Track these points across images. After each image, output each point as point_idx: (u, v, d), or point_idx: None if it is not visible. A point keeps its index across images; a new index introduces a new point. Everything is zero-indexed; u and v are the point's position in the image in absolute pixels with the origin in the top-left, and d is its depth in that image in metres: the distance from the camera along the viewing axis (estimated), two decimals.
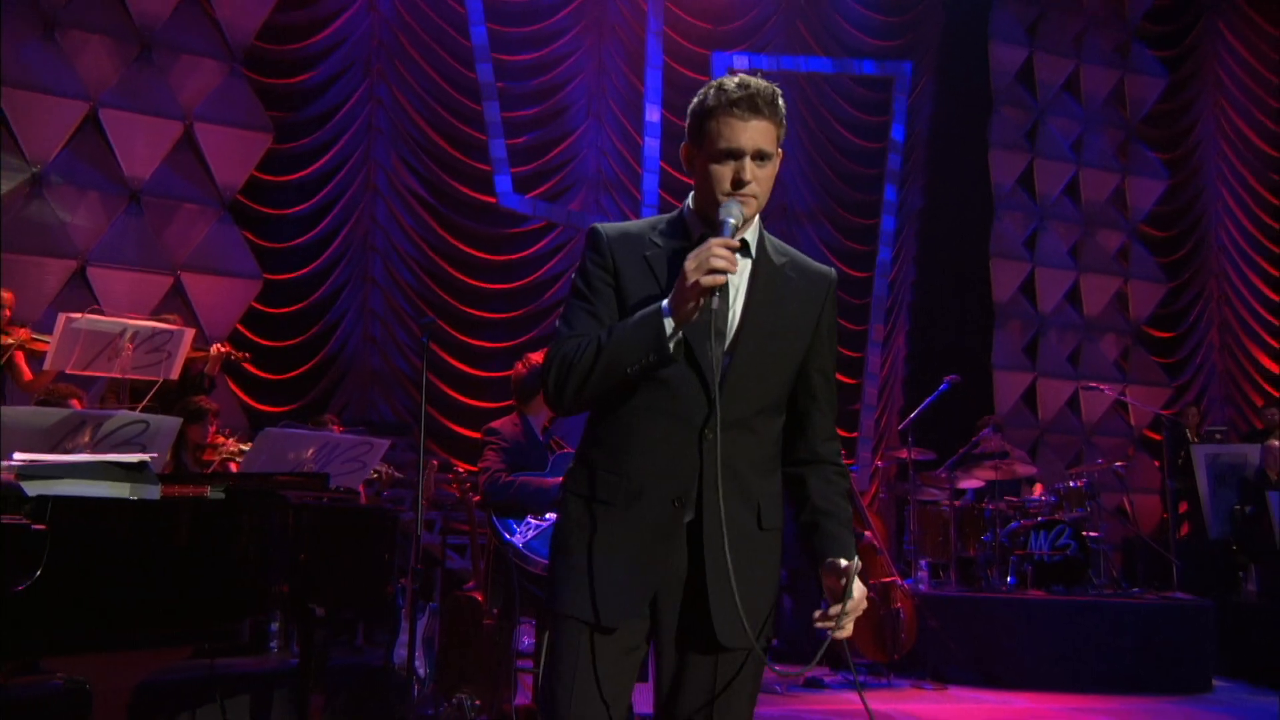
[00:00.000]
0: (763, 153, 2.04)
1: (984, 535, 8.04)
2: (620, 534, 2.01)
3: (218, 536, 3.13)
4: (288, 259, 8.99)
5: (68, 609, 2.70)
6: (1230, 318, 12.32)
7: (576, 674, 1.99)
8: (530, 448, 4.40)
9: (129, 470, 2.87)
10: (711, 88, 2.07)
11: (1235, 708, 6.74)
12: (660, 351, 1.93)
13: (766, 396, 2.09)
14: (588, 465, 2.09)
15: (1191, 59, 12.45)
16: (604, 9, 10.34)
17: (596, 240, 2.11)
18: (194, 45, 8.60)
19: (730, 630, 1.99)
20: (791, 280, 2.13)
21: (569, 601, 2.02)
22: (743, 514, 2.03)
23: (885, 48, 11.28)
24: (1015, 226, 11.57)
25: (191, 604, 3.09)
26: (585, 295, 2.09)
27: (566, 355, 2.02)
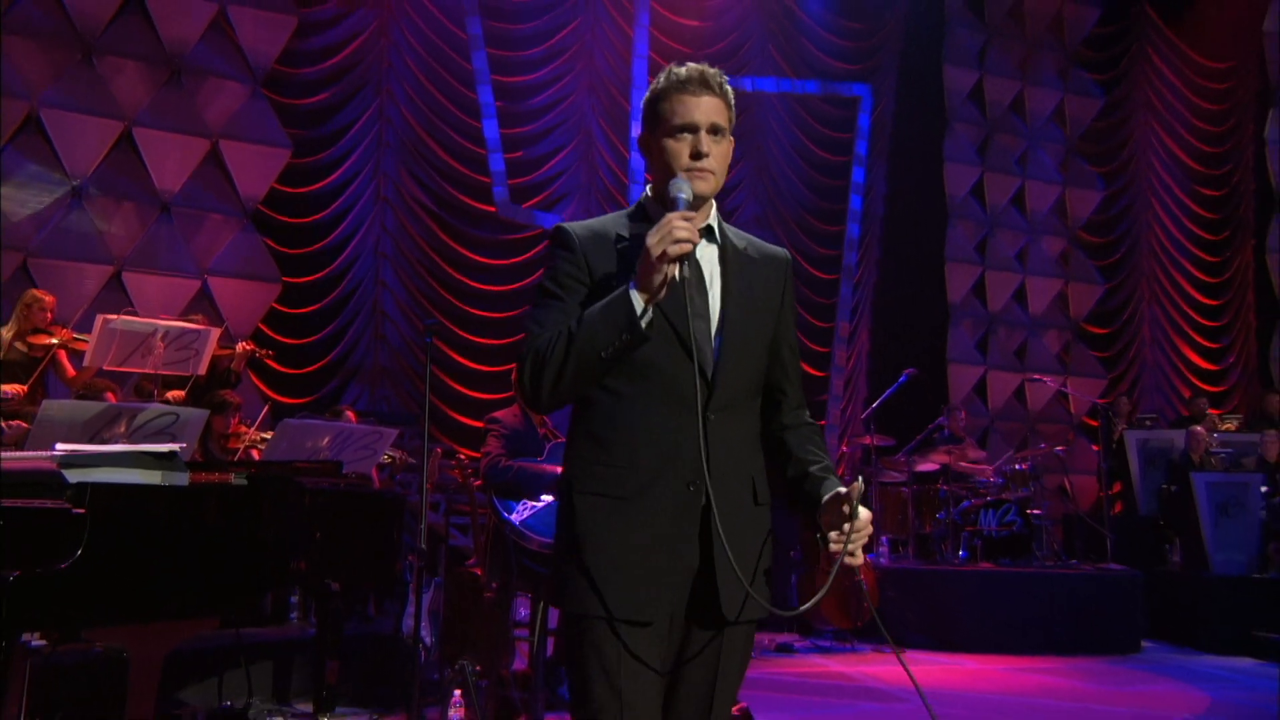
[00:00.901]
0: (717, 127, 1.92)
1: (939, 513, 8.08)
2: (640, 526, 1.83)
3: (241, 519, 3.15)
4: (305, 264, 8.98)
5: (106, 585, 2.71)
6: (1160, 316, 12.33)
7: (620, 675, 1.80)
8: (528, 436, 4.42)
9: (160, 459, 2.88)
10: (662, 74, 1.96)
11: (1160, 665, 6.81)
12: (632, 329, 1.77)
13: (753, 374, 1.98)
14: (587, 461, 1.90)
15: (1125, 82, 12.44)
16: (594, 36, 10.34)
17: (566, 238, 1.94)
18: (220, 69, 8.57)
19: (734, 605, 1.86)
20: (756, 261, 2.01)
21: (596, 602, 1.82)
22: (742, 491, 1.92)
23: (850, 71, 11.29)
24: (967, 233, 11.57)
25: (218, 580, 3.11)
26: (555, 293, 1.92)
27: (538, 351, 1.85)
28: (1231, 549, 7.79)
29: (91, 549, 2.63)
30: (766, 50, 11.03)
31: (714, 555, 1.84)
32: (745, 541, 1.88)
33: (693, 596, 1.87)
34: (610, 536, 1.83)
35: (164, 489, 2.89)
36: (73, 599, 2.63)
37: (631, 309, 1.77)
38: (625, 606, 1.81)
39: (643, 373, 1.86)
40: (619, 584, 1.81)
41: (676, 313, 1.85)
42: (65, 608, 2.64)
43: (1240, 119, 12.08)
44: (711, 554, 1.85)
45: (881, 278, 11.35)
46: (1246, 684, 6.16)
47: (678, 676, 1.90)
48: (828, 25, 11.26)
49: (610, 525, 1.84)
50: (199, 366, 5.91)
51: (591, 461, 1.89)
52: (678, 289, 1.83)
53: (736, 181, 10.82)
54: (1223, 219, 12.20)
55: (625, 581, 1.81)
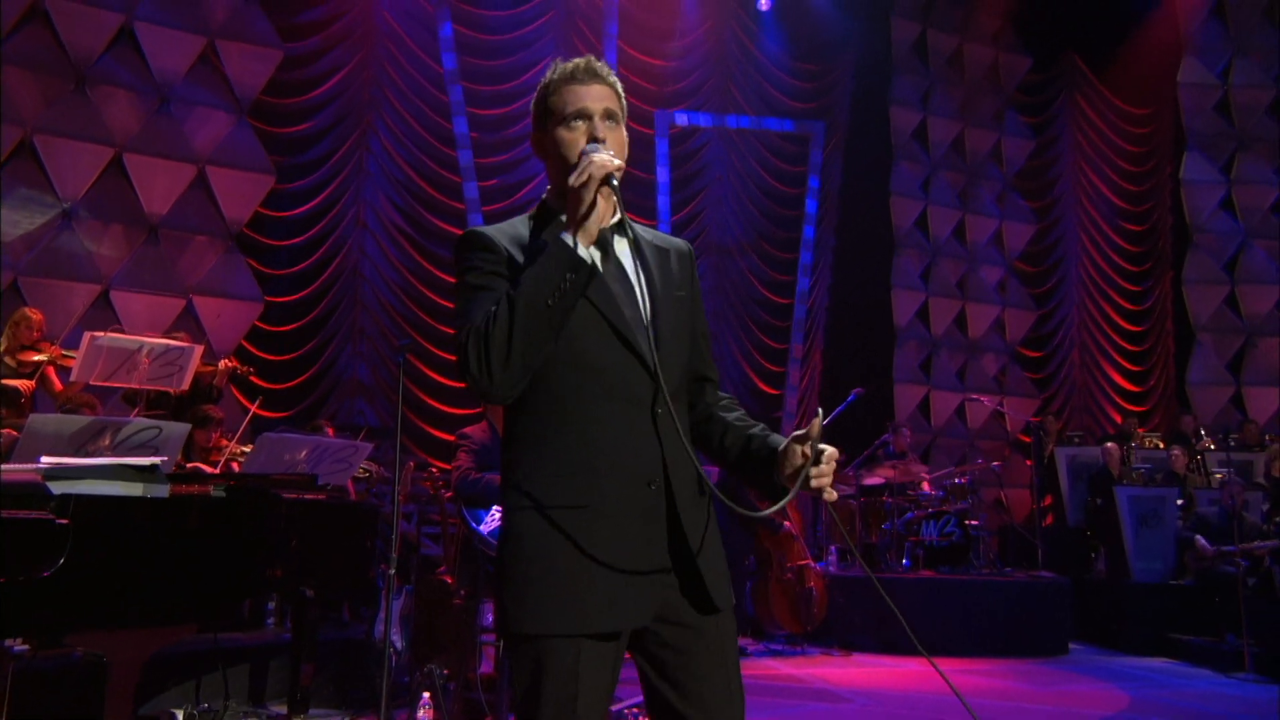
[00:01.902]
0: (610, 112, 1.77)
1: (884, 524, 8.16)
2: (605, 534, 1.65)
3: (219, 529, 3.13)
4: (287, 284, 8.93)
5: (88, 593, 2.68)
6: (1088, 340, 12.51)
7: (579, 698, 1.61)
8: (496, 450, 4.42)
9: (142, 472, 2.86)
10: (549, 70, 1.82)
11: (1085, 666, 6.92)
12: (575, 265, 1.60)
13: (685, 363, 1.83)
14: (533, 474, 1.70)
15: (1055, 125, 12.68)
16: None
17: (480, 238, 1.77)
18: (207, 99, 8.52)
19: (721, 594, 1.73)
20: (666, 252, 1.87)
21: (565, 619, 1.62)
22: (693, 483, 1.75)
23: (803, 109, 11.44)
24: (912, 262, 11.70)
25: (197, 588, 3.08)
26: (483, 284, 1.72)
27: (477, 329, 1.64)
28: (1151, 558, 7.94)
29: (74, 558, 2.61)
30: (727, 88, 11.16)
31: (692, 551, 1.69)
32: (707, 532, 1.75)
33: (670, 595, 1.70)
34: (573, 548, 1.64)
35: (145, 500, 2.87)
36: (56, 606, 2.60)
37: (568, 247, 1.61)
38: (597, 620, 1.63)
39: (584, 371, 1.69)
40: (588, 597, 1.62)
41: (609, 308, 1.71)
42: (48, 614, 2.61)
43: (1159, 161, 12.37)
44: (682, 551, 1.70)
45: (833, 302, 11.46)
46: (1162, 683, 6.28)
47: (688, 674, 1.71)
48: (784, 66, 11.42)
49: (572, 537, 1.64)
50: (182, 382, 5.85)
51: (539, 471, 1.69)
52: (604, 285, 1.70)
53: (698, 210, 10.92)
54: (1144, 252, 12.45)
55: (594, 593, 1.63)
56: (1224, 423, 10.60)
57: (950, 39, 12.12)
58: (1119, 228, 12.48)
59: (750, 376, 10.82)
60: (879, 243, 11.51)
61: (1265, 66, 11.84)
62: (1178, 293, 11.83)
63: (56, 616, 2.65)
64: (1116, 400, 12.17)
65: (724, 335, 10.70)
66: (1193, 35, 11.85)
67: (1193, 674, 6.65)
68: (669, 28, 11.01)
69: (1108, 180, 12.53)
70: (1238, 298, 11.64)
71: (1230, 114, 11.85)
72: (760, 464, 1.80)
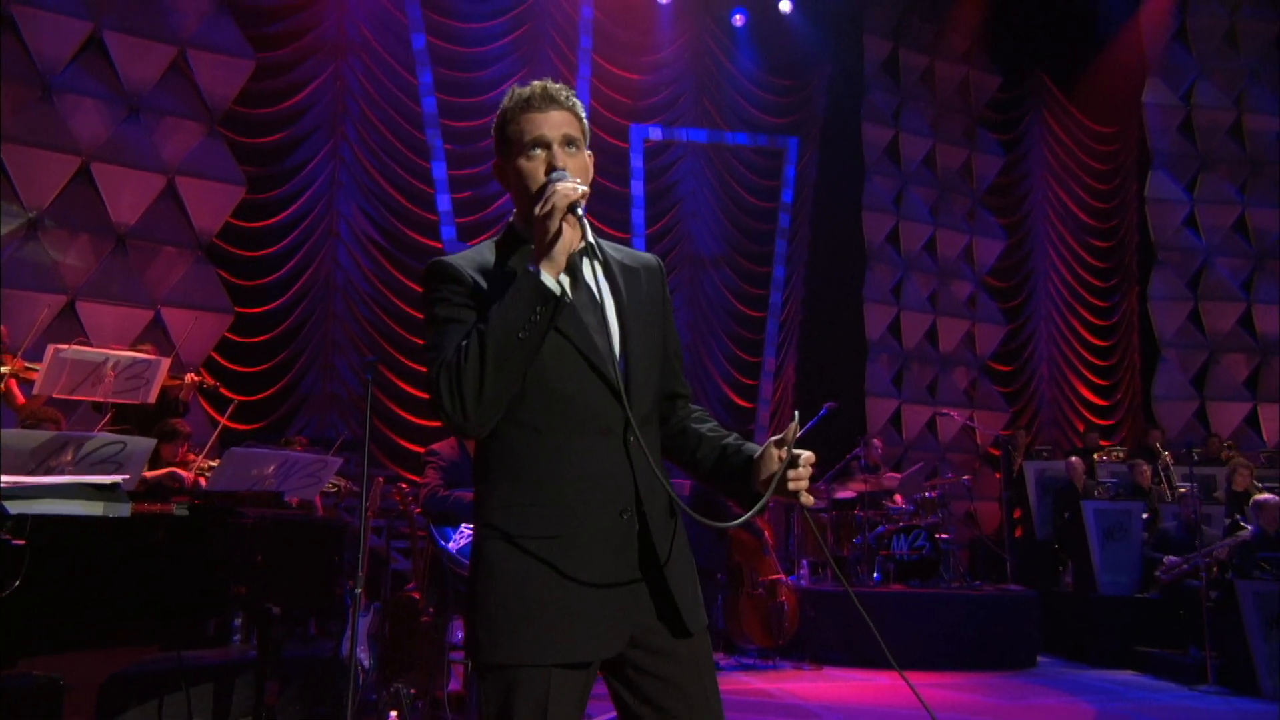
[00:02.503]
0: (570, 138, 1.76)
1: (855, 538, 8.18)
2: (577, 563, 1.65)
3: (182, 548, 3.09)
4: (258, 295, 8.85)
5: (46, 615, 2.63)
6: (1056, 355, 12.66)
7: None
8: (465, 467, 4.39)
9: (102, 491, 2.81)
10: (506, 98, 1.80)
11: (1053, 679, 6.96)
12: (545, 298, 1.59)
13: (657, 385, 1.82)
14: (506, 504, 1.69)
15: (1024, 142, 12.86)
16: None
17: (447, 269, 1.74)
18: (177, 108, 8.45)
19: (695, 616, 1.73)
20: (636, 272, 1.84)
21: (536, 649, 1.62)
22: (666, 504, 1.75)
23: (777, 124, 11.52)
24: (884, 276, 11.78)
25: (159, 607, 3.03)
26: (453, 317, 1.70)
27: (449, 363, 1.62)
28: (1117, 571, 8.02)
29: (31, 579, 2.56)
30: (701, 103, 11.22)
31: (665, 577, 1.70)
32: (679, 555, 1.76)
33: (643, 621, 1.70)
34: (545, 579, 1.64)
35: (105, 520, 2.82)
36: (10, 629, 2.55)
37: (538, 280, 1.60)
38: (568, 650, 1.63)
39: (556, 402, 1.68)
40: (560, 627, 1.62)
41: (580, 336, 1.69)
42: (3, 637, 2.56)
43: (1125, 179, 12.57)
44: (655, 577, 1.70)
45: (806, 316, 11.51)
46: (1128, 696, 6.34)
47: (669, 697, 1.71)
48: (757, 82, 11.50)
49: (545, 568, 1.64)
50: (149, 395, 5.75)
51: (512, 503, 1.68)
52: (574, 313, 1.68)
53: (673, 224, 10.95)
54: (1111, 268, 12.63)
55: (566, 623, 1.63)
56: (1188, 437, 10.76)
57: (921, 57, 12.26)
58: (1086, 244, 12.65)
59: (723, 389, 10.85)
60: (851, 257, 11.58)
61: (1226, 89, 12.10)
62: (1143, 309, 12.01)
63: (11, 640, 2.59)
64: (1084, 414, 12.31)
65: (697, 348, 10.72)
66: (1157, 57, 12.08)
67: (1157, 687, 6.72)
68: (644, 42, 11.06)
69: (1075, 197, 12.71)
70: (1201, 314, 11.83)
71: (1194, 134, 12.07)
72: (736, 473, 1.80)
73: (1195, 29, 12.15)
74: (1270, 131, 12.01)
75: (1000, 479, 9.84)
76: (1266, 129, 12.00)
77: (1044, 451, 10.12)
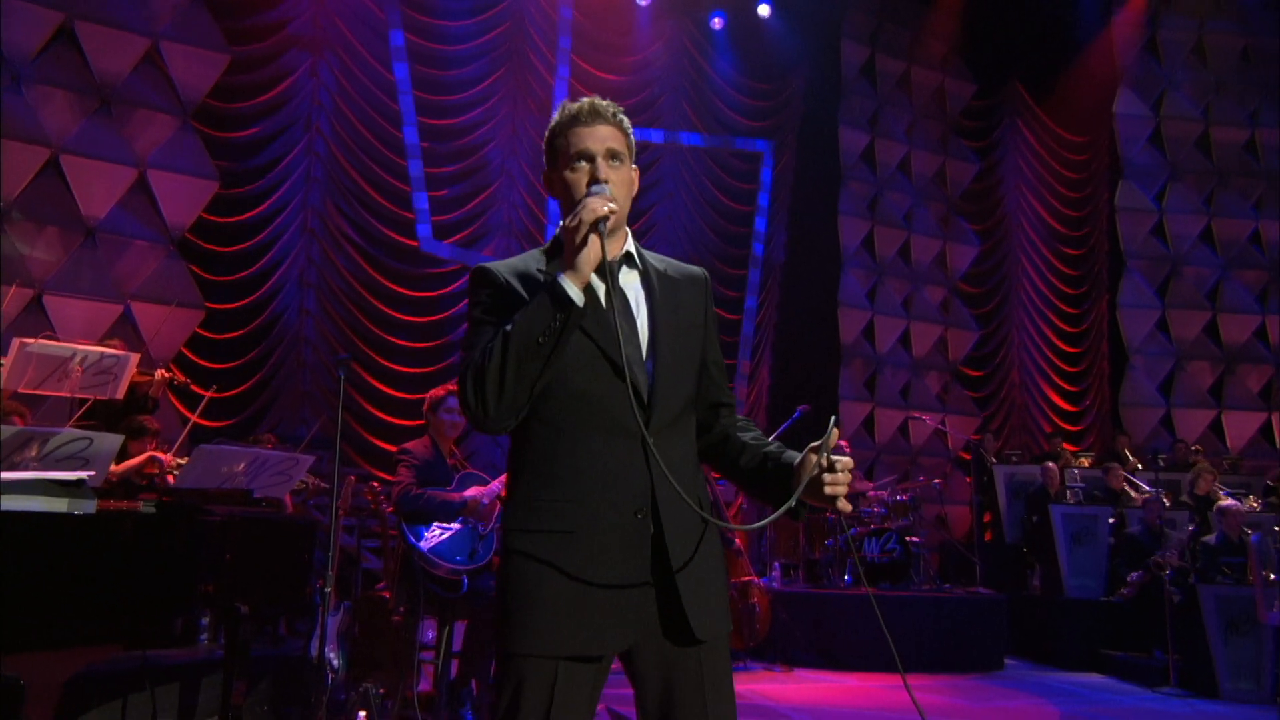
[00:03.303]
0: (614, 152, 1.84)
1: (827, 540, 8.21)
2: (589, 560, 1.71)
3: (149, 546, 3.05)
4: (230, 291, 8.76)
5: (7, 613, 2.58)
6: (1027, 361, 12.78)
7: (552, 716, 1.68)
8: (437, 466, 4.38)
9: (67, 487, 2.77)
10: (556, 111, 1.89)
11: (1020, 682, 7.04)
12: (564, 307, 1.67)
13: (687, 394, 1.87)
14: (527, 499, 1.77)
15: (997, 150, 12.99)
16: (518, 84, 10.39)
17: (490, 276, 1.84)
18: (150, 101, 8.34)
19: (704, 625, 1.76)
20: (678, 282, 1.92)
21: (544, 640, 1.69)
22: (690, 510, 1.78)
23: (755, 128, 11.57)
24: (859, 281, 11.84)
25: (123, 606, 2.99)
26: (486, 319, 1.79)
27: (475, 363, 1.72)
28: (1084, 574, 8.12)
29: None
30: (679, 106, 11.23)
31: (676, 582, 1.74)
32: (701, 560, 1.79)
33: (663, 622, 1.75)
34: (558, 573, 1.71)
35: (70, 517, 2.78)
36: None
37: (561, 289, 1.68)
38: (574, 643, 1.69)
39: (580, 403, 1.75)
40: (568, 621, 1.69)
41: (607, 340, 1.75)
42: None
43: (1096, 188, 12.73)
44: (666, 581, 1.74)
45: (781, 320, 11.56)
46: (1093, 698, 6.42)
47: (669, 703, 1.76)
48: (736, 85, 11.54)
49: (557, 561, 1.71)
50: (117, 391, 5.68)
51: (534, 497, 1.76)
52: (606, 316, 1.74)
53: (649, 226, 10.95)
54: (1081, 275, 12.79)
55: (575, 618, 1.69)
56: (1155, 443, 10.92)
57: (898, 63, 12.35)
58: (1058, 251, 12.80)
59: None
60: (827, 261, 11.63)
61: (1194, 101, 12.29)
62: (1112, 316, 12.17)
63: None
64: (1054, 420, 12.45)
65: None
66: (1128, 68, 12.25)
67: (1121, 689, 6.81)
68: (622, 44, 11.07)
69: (1047, 205, 12.85)
70: (1169, 322, 12.01)
71: (1163, 145, 12.25)
72: (776, 479, 1.85)
73: (1165, 41, 12.33)
74: (1236, 143, 12.22)
75: (971, 483, 9.92)
76: (1232, 141, 12.21)
77: (1013, 456, 10.23)
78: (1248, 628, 6.51)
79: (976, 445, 9.78)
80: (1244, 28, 12.30)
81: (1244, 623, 6.53)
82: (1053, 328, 12.74)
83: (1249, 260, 12.06)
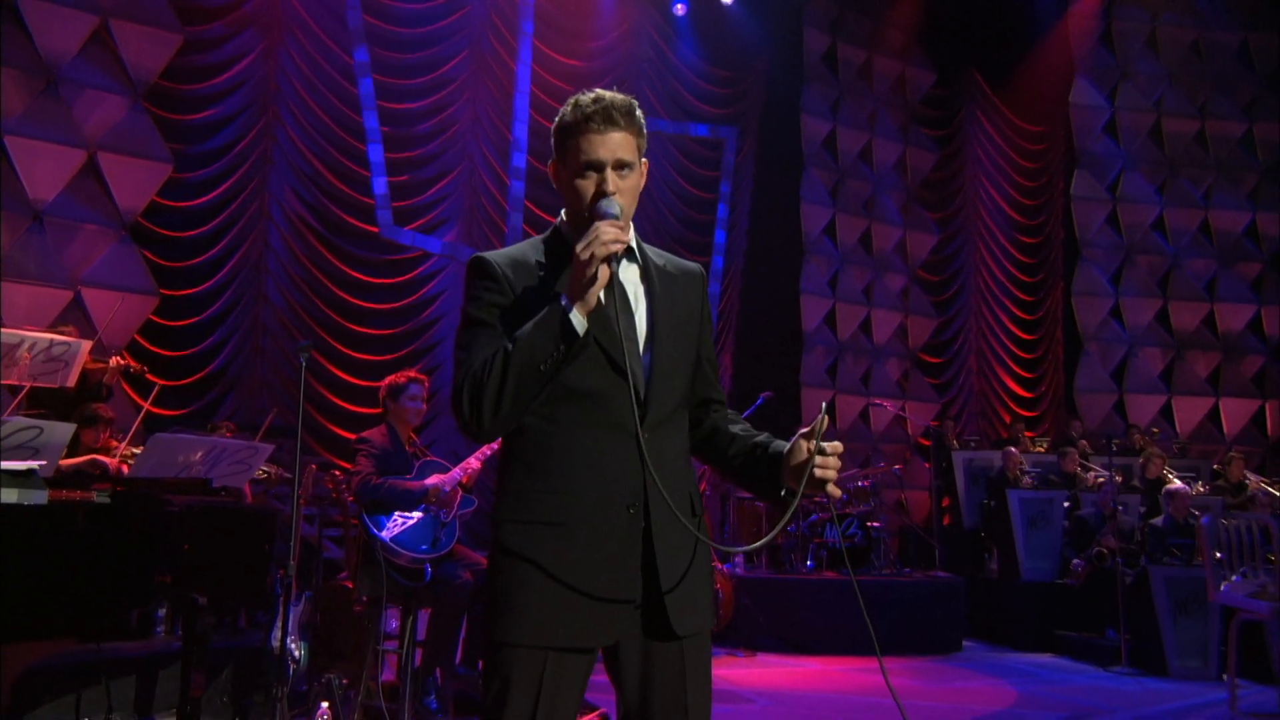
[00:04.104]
0: (623, 162, 1.81)
1: (789, 526, 8.28)
2: (580, 552, 1.72)
3: (103, 537, 2.98)
4: (185, 277, 8.58)
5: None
6: (984, 348, 12.96)
7: (539, 706, 1.69)
8: (397, 455, 4.33)
9: (16, 477, 2.70)
10: (569, 105, 1.84)
11: (978, 663, 7.18)
12: (569, 338, 1.67)
13: (682, 389, 1.87)
14: (519, 490, 1.77)
15: (956, 139, 13.11)
16: (479, 68, 10.28)
17: (487, 267, 1.82)
18: (99, 81, 8.10)
19: (685, 620, 1.77)
20: (675, 277, 1.91)
21: (533, 630, 1.71)
22: (682, 506, 1.78)
23: (718, 114, 11.55)
24: (820, 268, 11.91)
25: (78, 598, 2.93)
26: (483, 319, 1.79)
27: (474, 375, 1.71)
28: (1039, 558, 8.28)
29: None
30: (641, 91, 11.16)
31: (660, 578, 1.75)
32: (688, 557, 1.80)
33: (646, 616, 1.76)
34: (548, 564, 1.71)
35: (19, 507, 2.71)
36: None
37: (566, 318, 1.68)
38: (564, 634, 1.70)
39: (575, 396, 1.75)
40: (557, 612, 1.70)
41: (605, 334, 1.74)
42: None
43: (1052, 177, 12.93)
44: (656, 575, 1.75)
45: (743, 306, 11.58)
46: (1048, 678, 6.56)
47: (648, 697, 1.77)
48: (698, 71, 11.52)
49: (549, 553, 1.72)
50: (68, 379, 5.53)
51: (527, 489, 1.76)
52: (604, 311, 1.73)
53: None
54: (1037, 263, 12.99)
55: (565, 609, 1.70)
56: (1107, 428, 11.15)
57: (859, 51, 12.41)
58: (1015, 240, 12.99)
59: None
60: (789, 248, 11.68)
61: (1147, 92, 12.52)
62: (1068, 304, 12.39)
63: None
64: (1010, 405, 12.65)
65: None
66: (1084, 59, 12.43)
67: (1075, 669, 6.97)
68: (585, 29, 10.98)
69: (1004, 194, 13.03)
70: (1122, 309, 12.25)
71: (1117, 135, 12.46)
72: (765, 468, 1.85)
73: (1120, 33, 12.53)
74: (1186, 135, 12.47)
75: (930, 468, 10.06)
76: (1183, 132, 12.46)
77: (972, 441, 10.38)
78: (1195, 608, 6.69)
79: (937, 431, 9.91)
80: (1195, 21, 12.54)
81: (1192, 603, 6.71)
82: (1009, 315, 12.92)
83: (1199, 249, 12.34)
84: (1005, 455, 9.16)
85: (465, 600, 4.10)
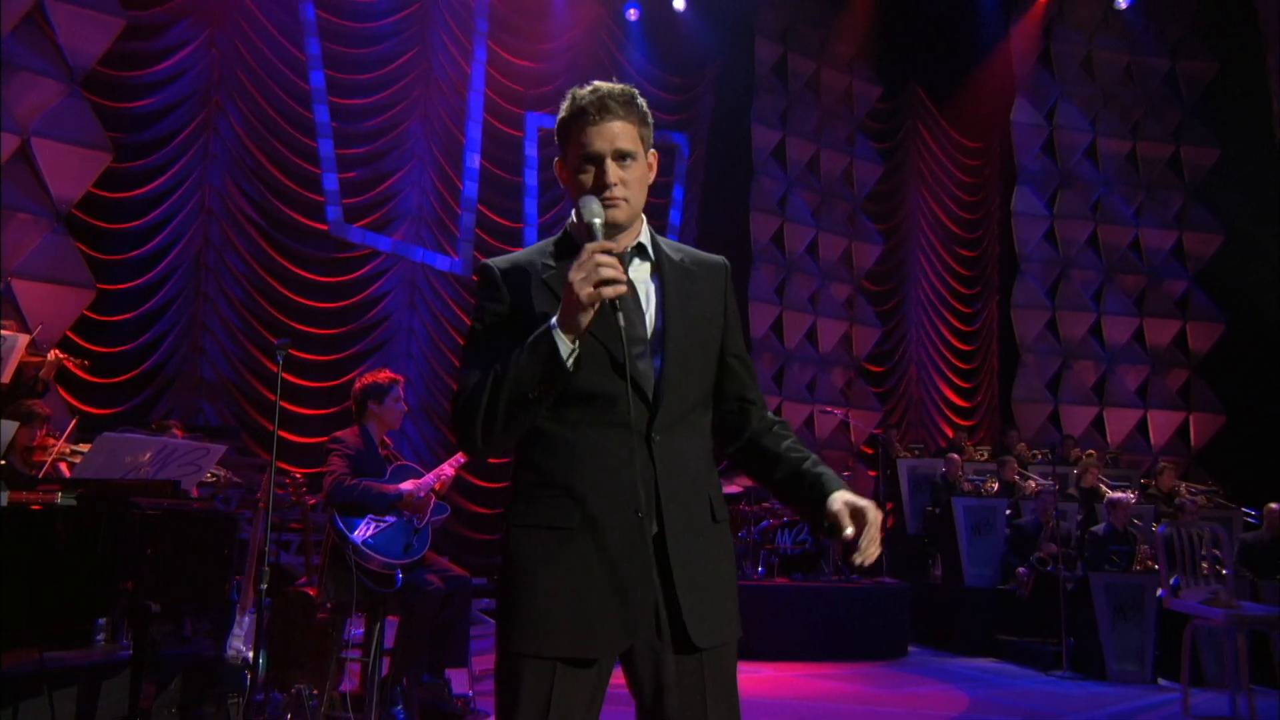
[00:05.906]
0: (623, 152, 1.75)
1: (740, 532, 8.30)
2: (586, 558, 1.65)
3: (68, 541, 2.86)
4: (122, 271, 8.30)
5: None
6: (924, 357, 13.24)
7: (550, 718, 1.64)
8: (369, 456, 4.25)
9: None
10: (566, 100, 1.79)
11: (924, 668, 7.32)
12: (557, 371, 1.61)
13: (699, 390, 1.80)
14: (527, 493, 1.72)
15: (900, 152, 13.38)
16: (432, 66, 10.16)
17: (490, 277, 1.77)
18: (33, 64, 7.79)
19: (704, 630, 1.69)
20: (694, 273, 1.84)
21: (540, 641, 1.65)
22: (698, 511, 1.73)
23: (668, 121, 11.60)
24: (768, 276, 12.04)
25: (37, 606, 2.80)
26: (481, 336, 1.75)
27: (466, 400, 1.68)
28: (982, 564, 8.49)
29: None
30: None
31: (674, 584, 1.67)
32: (706, 562, 1.72)
33: (663, 626, 1.68)
34: (554, 571, 1.65)
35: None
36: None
37: (555, 349, 1.61)
38: (569, 645, 1.64)
39: (585, 397, 1.69)
40: (564, 621, 1.64)
41: (611, 336, 1.67)
42: None
43: (990, 193, 13.31)
44: (668, 583, 1.68)
45: None
46: (995, 683, 6.73)
47: (662, 707, 1.70)
48: (650, 77, 11.55)
49: (554, 559, 1.66)
50: (3, 374, 5.31)
51: (534, 492, 1.71)
52: (609, 312, 1.65)
53: (562, 215, 10.87)
54: (975, 276, 13.35)
55: (571, 618, 1.64)
56: (1043, 437, 11.51)
57: (809, 63, 12.59)
58: (954, 253, 13.31)
59: None
60: (737, 256, 11.72)
61: (1084, 112, 12.98)
62: (1005, 316, 12.75)
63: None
64: (948, 415, 12.97)
65: None
66: (1024, 78, 12.83)
67: (1017, 673, 7.16)
68: (538, 29, 10.95)
69: (945, 208, 13.34)
70: (1058, 322, 12.66)
71: (1055, 153, 12.89)
72: (809, 504, 1.82)
73: (1058, 54, 12.97)
74: (1120, 154, 12.96)
75: (875, 476, 10.24)
76: (1116, 152, 12.94)
77: (916, 449, 10.60)
78: (1133, 613, 6.94)
79: (883, 439, 10.10)
80: (1128, 44, 13.05)
81: (1130, 608, 6.96)
82: (948, 326, 13.22)
83: (1128, 266, 12.82)
84: (949, 462, 9.37)
85: (435, 608, 4.04)
